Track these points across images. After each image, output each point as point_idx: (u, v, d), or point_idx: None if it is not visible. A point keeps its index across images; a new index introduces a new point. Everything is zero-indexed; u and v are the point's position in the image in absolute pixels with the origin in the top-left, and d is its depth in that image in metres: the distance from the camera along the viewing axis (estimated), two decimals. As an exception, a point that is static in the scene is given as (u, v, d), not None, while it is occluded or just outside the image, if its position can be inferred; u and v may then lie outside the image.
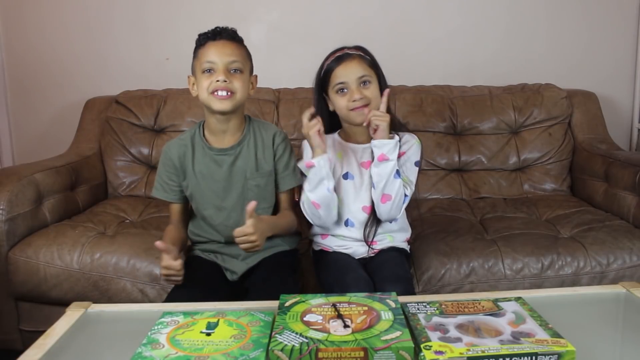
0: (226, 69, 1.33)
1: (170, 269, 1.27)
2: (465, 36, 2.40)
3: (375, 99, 1.41)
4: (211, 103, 1.35)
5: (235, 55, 1.35)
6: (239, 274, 1.42)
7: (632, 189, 1.79)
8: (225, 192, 1.42)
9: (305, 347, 0.86)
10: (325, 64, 1.44)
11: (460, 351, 0.85)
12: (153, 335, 0.93)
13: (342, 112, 1.43)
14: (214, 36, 1.36)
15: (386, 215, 1.43)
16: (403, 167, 1.45)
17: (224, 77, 1.32)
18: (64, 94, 2.44)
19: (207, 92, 1.34)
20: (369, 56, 1.44)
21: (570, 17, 2.39)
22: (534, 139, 2.16)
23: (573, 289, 1.31)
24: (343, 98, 1.41)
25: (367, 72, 1.41)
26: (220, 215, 1.43)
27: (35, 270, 1.60)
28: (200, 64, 1.36)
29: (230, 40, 1.37)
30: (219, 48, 1.35)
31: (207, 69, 1.34)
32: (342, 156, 1.49)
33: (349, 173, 1.48)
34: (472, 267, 1.57)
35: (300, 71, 2.25)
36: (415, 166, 1.47)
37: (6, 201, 1.63)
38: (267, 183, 1.44)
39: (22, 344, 1.68)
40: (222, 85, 1.33)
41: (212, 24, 1.39)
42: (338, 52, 1.44)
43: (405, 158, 1.46)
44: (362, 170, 1.47)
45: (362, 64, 1.41)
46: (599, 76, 2.40)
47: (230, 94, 1.34)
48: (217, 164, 1.42)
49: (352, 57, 1.41)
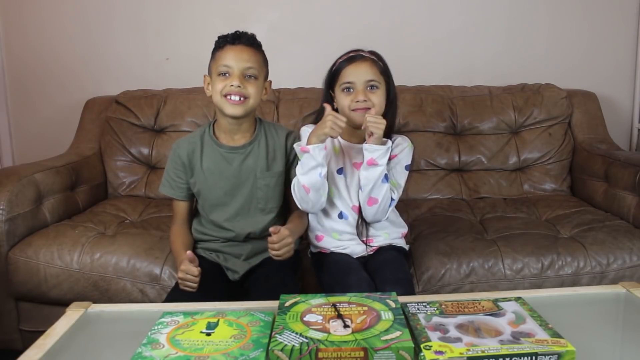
0: (241, 74, 1.35)
1: (189, 273, 1.26)
2: (465, 36, 2.40)
3: (379, 106, 1.41)
4: (223, 106, 1.36)
5: (252, 61, 1.36)
6: (240, 273, 1.42)
7: (632, 189, 1.79)
8: (233, 190, 1.43)
9: (305, 347, 0.86)
10: (338, 62, 1.45)
11: (460, 351, 0.85)
12: (153, 335, 0.93)
13: (344, 112, 1.43)
14: (233, 40, 1.37)
15: (371, 217, 1.44)
16: (392, 171, 1.45)
17: (239, 83, 1.34)
18: (64, 94, 2.44)
19: (221, 94, 1.36)
20: (382, 63, 1.44)
21: (571, 17, 2.39)
22: (534, 139, 2.16)
23: (573, 289, 1.31)
24: (347, 97, 1.41)
25: (376, 77, 1.41)
26: (227, 213, 1.44)
27: (35, 270, 1.60)
28: (216, 66, 1.37)
29: (248, 45, 1.38)
30: (237, 53, 1.36)
31: (223, 72, 1.36)
32: (338, 151, 1.50)
33: (342, 169, 1.49)
34: (472, 267, 1.57)
35: (300, 71, 2.26)
36: (406, 170, 1.48)
37: (6, 201, 1.63)
38: (276, 183, 1.45)
39: (22, 344, 1.68)
40: (235, 90, 1.34)
41: (212, 24, 1.40)
42: (352, 52, 1.45)
43: (396, 161, 1.46)
44: (354, 170, 1.48)
45: (373, 68, 1.41)
46: (599, 76, 2.40)
47: (243, 100, 1.35)
48: (226, 161, 1.42)
49: (364, 59, 1.42)
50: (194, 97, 2.17)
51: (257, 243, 1.45)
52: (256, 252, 1.45)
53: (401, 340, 0.87)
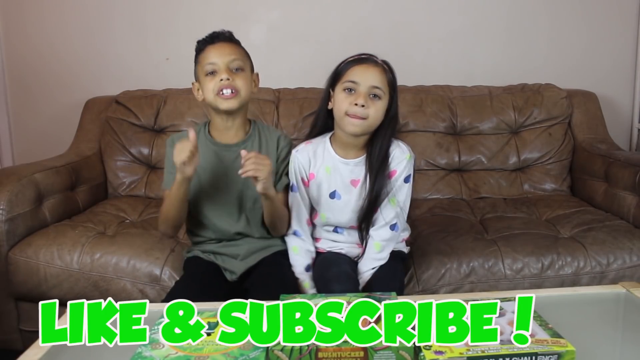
0: (228, 68, 1.36)
1: (187, 145, 1.24)
2: (465, 36, 2.40)
3: (375, 119, 1.34)
4: (218, 103, 1.37)
5: (234, 54, 1.38)
6: (238, 274, 1.42)
7: (632, 189, 1.79)
8: (224, 188, 1.43)
9: (305, 347, 0.86)
10: (346, 60, 1.38)
11: (460, 351, 0.85)
12: (153, 335, 0.93)
13: (339, 113, 1.35)
14: (212, 40, 1.40)
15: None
16: (393, 187, 1.39)
17: (227, 75, 1.35)
18: (64, 94, 2.44)
19: (213, 93, 1.36)
20: (392, 74, 1.37)
21: (571, 17, 2.38)
22: (534, 139, 2.16)
23: (573, 289, 1.31)
24: (347, 98, 1.33)
25: (382, 86, 1.33)
26: (217, 211, 1.44)
27: (35, 270, 1.60)
28: (202, 67, 1.39)
29: (227, 41, 1.40)
30: (218, 49, 1.38)
31: (210, 71, 1.37)
32: (330, 171, 1.42)
33: (336, 192, 1.42)
34: (472, 267, 1.57)
35: (300, 71, 2.26)
36: (405, 182, 1.41)
37: (6, 201, 1.63)
38: None
39: (22, 344, 1.68)
40: (225, 83, 1.35)
41: (212, 24, 1.40)
42: (365, 55, 1.38)
43: (396, 177, 1.39)
44: (351, 188, 1.41)
45: (382, 76, 1.34)
46: (599, 76, 2.40)
47: (234, 93, 1.36)
48: (218, 158, 1.43)
49: (375, 64, 1.35)
50: (194, 97, 2.13)
51: (252, 243, 1.45)
52: (252, 252, 1.44)
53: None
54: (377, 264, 1.40)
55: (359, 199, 1.40)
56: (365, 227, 1.42)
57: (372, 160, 1.38)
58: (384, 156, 1.38)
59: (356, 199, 1.41)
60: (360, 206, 1.40)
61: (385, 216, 1.40)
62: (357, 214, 1.41)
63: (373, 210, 1.40)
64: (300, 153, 1.44)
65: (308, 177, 1.44)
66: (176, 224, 1.43)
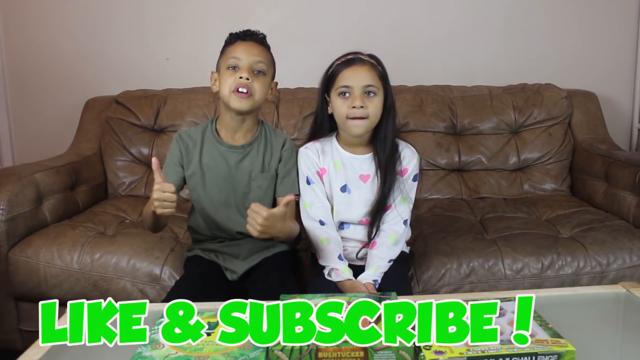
0: (250, 68, 1.36)
1: (165, 191, 1.20)
2: (465, 36, 2.40)
3: (375, 115, 1.36)
4: (230, 101, 1.36)
5: (261, 56, 1.38)
6: (239, 273, 1.42)
7: (632, 189, 1.79)
8: (228, 189, 1.43)
9: (305, 347, 0.86)
10: (335, 64, 1.40)
11: (460, 351, 0.85)
12: (153, 335, 0.93)
13: (340, 119, 1.38)
14: (244, 36, 1.40)
15: None
16: (403, 185, 1.42)
17: (247, 75, 1.35)
18: (64, 93, 2.44)
19: (229, 89, 1.36)
20: (381, 67, 1.39)
21: (570, 17, 2.39)
22: (534, 139, 2.16)
23: (573, 289, 1.31)
24: (344, 103, 1.35)
25: (374, 83, 1.35)
26: (219, 211, 1.44)
27: (35, 270, 1.60)
28: (226, 59, 1.38)
29: (258, 43, 1.40)
30: (247, 47, 1.38)
31: (233, 65, 1.37)
32: (339, 166, 1.44)
33: (347, 186, 1.44)
34: (472, 267, 1.57)
35: (300, 71, 2.26)
36: (414, 181, 1.45)
37: (6, 201, 1.63)
38: (268, 186, 1.45)
39: (22, 344, 1.68)
40: (244, 82, 1.34)
41: (212, 24, 1.40)
42: (351, 54, 1.39)
43: (407, 176, 1.43)
44: (360, 183, 1.43)
45: (372, 73, 1.36)
46: (598, 76, 2.40)
47: (249, 94, 1.35)
48: (224, 158, 1.43)
49: (363, 63, 1.36)
50: (194, 97, 2.17)
51: (254, 243, 1.44)
52: (254, 252, 1.44)
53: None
54: (391, 256, 1.41)
55: (370, 194, 1.42)
56: (377, 222, 1.43)
57: (380, 153, 1.41)
58: (391, 148, 1.40)
59: (367, 194, 1.42)
60: (372, 201, 1.41)
61: (400, 212, 1.42)
62: (367, 209, 1.42)
63: (385, 205, 1.42)
64: (309, 149, 1.46)
65: (321, 171, 1.45)
66: (154, 231, 1.47)
